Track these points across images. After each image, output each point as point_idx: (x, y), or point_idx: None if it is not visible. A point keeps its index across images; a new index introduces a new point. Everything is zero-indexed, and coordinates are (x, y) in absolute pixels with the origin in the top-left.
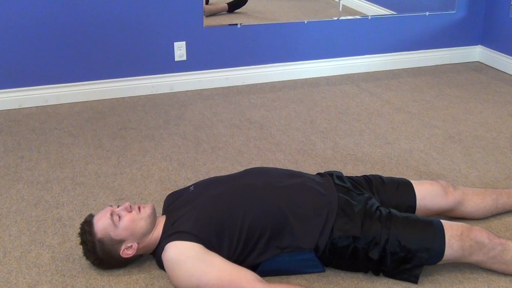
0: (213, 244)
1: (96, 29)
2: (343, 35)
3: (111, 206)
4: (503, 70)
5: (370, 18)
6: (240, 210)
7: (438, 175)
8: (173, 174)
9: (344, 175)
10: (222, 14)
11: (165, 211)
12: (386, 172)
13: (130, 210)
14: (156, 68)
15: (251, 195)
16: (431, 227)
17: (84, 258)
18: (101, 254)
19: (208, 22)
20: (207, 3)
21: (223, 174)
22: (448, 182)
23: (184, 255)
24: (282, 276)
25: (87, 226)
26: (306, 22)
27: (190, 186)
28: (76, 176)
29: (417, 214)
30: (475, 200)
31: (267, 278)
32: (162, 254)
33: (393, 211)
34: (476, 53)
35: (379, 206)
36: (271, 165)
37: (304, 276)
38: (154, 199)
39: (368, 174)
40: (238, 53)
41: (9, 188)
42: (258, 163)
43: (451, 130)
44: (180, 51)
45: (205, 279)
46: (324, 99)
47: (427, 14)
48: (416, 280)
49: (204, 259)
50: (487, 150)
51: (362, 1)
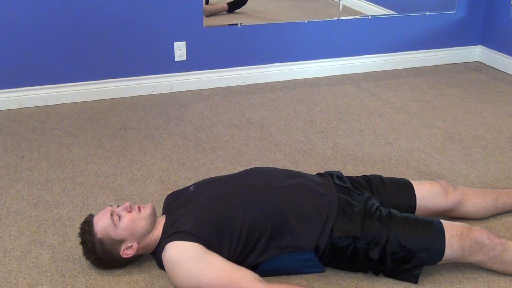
0: (213, 244)
1: (96, 29)
2: (343, 35)
3: (111, 206)
4: (503, 70)
5: (370, 18)
6: (240, 210)
7: (438, 175)
8: (173, 174)
9: (344, 175)
10: (222, 14)
11: (165, 211)
12: (386, 172)
13: (130, 210)
14: (156, 68)
15: (251, 195)
16: (431, 227)
17: (84, 258)
18: (101, 254)
19: (208, 22)
20: (207, 3)
21: (223, 174)
22: (448, 182)
23: (184, 255)
24: (282, 276)
25: (87, 226)
26: (306, 22)
27: (190, 186)
28: (76, 176)
29: (417, 214)
30: (475, 200)
31: (267, 278)
32: (162, 254)
33: (393, 211)
34: (476, 53)
35: (379, 206)
36: (271, 165)
37: (304, 276)
38: (154, 199)
39: (368, 174)
40: (238, 53)
41: (9, 188)
42: (258, 163)
43: (451, 130)
44: (180, 51)
45: (205, 279)
46: (324, 99)
47: (427, 14)
48: (416, 280)
49: (204, 259)
50: (487, 150)
51: (362, 1)
